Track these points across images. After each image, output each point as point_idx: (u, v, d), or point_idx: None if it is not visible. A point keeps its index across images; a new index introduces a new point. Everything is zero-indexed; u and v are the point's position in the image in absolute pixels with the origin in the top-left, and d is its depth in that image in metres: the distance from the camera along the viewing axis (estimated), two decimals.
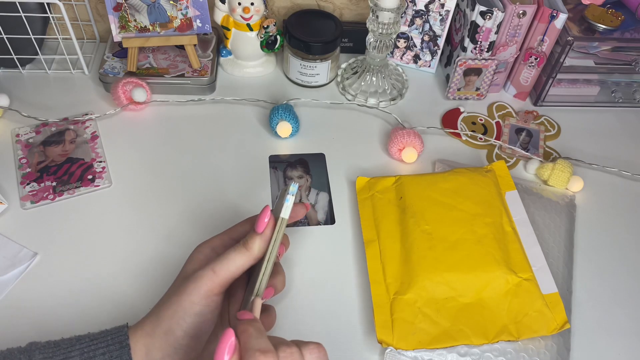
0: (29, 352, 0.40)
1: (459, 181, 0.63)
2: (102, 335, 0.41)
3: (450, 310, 0.54)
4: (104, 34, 0.81)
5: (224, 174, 0.66)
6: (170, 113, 0.73)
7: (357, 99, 0.77)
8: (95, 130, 0.69)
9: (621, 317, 0.58)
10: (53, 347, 0.40)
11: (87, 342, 0.40)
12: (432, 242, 0.57)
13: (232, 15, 0.73)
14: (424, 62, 0.82)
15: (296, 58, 0.75)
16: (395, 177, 0.64)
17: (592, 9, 0.74)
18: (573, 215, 0.65)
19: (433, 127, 0.73)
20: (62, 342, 0.41)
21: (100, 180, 0.64)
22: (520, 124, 0.75)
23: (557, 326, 0.54)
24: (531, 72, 0.76)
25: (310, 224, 0.63)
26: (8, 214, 0.60)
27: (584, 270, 0.61)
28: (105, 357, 0.39)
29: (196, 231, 0.61)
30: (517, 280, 0.55)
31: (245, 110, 0.74)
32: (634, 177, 0.70)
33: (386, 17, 0.68)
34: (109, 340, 0.40)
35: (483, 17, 0.69)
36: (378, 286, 0.56)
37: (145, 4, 0.68)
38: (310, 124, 0.73)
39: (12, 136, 0.68)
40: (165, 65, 0.75)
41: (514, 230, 0.60)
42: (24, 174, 0.64)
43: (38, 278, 0.56)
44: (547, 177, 0.68)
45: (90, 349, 0.40)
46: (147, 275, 0.57)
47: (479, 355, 0.52)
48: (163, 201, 0.63)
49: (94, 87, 0.75)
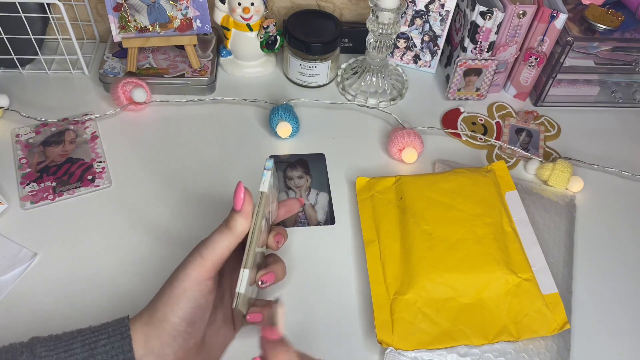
0: (30, 345, 0.40)
1: (459, 181, 0.63)
2: (103, 327, 0.41)
3: (450, 311, 0.54)
4: (104, 34, 0.81)
5: (223, 174, 0.66)
6: (170, 113, 0.73)
7: (357, 99, 0.77)
8: (95, 130, 0.69)
9: (621, 317, 0.58)
10: (55, 340, 0.40)
11: (89, 334, 0.41)
12: (432, 242, 0.57)
13: (232, 15, 0.73)
14: (424, 62, 0.82)
15: (296, 58, 0.75)
16: (395, 177, 0.64)
17: (592, 9, 0.74)
18: (573, 216, 0.65)
19: (433, 127, 0.73)
20: (64, 335, 0.41)
21: (100, 181, 0.64)
22: (520, 124, 0.75)
23: (557, 326, 0.54)
24: (531, 72, 0.76)
25: (310, 224, 0.63)
26: (8, 214, 0.60)
27: (584, 270, 0.61)
28: (107, 348, 0.40)
29: (196, 231, 0.60)
30: (517, 280, 0.55)
31: (245, 110, 0.74)
32: (634, 177, 0.70)
33: (386, 17, 0.68)
34: (110, 332, 0.41)
35: (483, 17, 0.69)
36: (378, 286, 0.56)
37: (145, 4, 0.68)
38: (310, 124, 0.73)
39: (12, 136, 0.68)
40: (165, 65, 0.75)
41: (514, 230, 0.60)
42: (23, 174, 0.64)
43: (38, 278, 0.56)
44: (547, 178, 0.68)
45: (91, 340, 0.40)
46: (147, 275, 0.57)
47: (479, 356, 0.52)
48: (163, 201, 0.63)
49: (93, 87, 0.75)
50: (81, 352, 0.40)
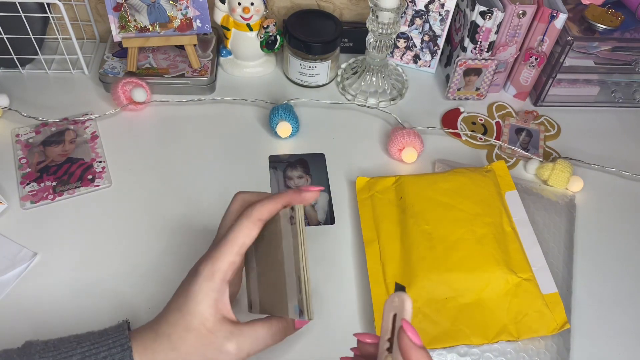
0: (27, 355, 0.39)
1: (459, 181, 0.63)
2: (103, 338, 0.41)
3: (450, 310, 0.54)
4: (104, 34, 0.81)
5: (223, 173, 0.66)
6: (170, 113, 0.73)
7: (357, 99, 0.77)
8: (95, 130, 0.69)
9: (621, 317, 0.58)
10: (52, 349, 0.40)
11: (88, 345, 0.40)
12: (432, 242, 0.57)
13: (232, 15, 0.73)
14: (424, 62, 0.81)
15: (296, 58, 0.75)
16: (395, 177, 0.64)
17: (592, 9, 0.74)
18: (573, 215, 0.65)
19: (433, 127, 0.73)
20: (62, 343, 0.41)
21: (100, 180, 0.64)
22: (520, 124, 0.75)
23: (557, 326, 0.54)
24: (531, 72, 0.76)
25: (310, 224, 0.63)
26: (8, 214, 0.60)
27: (584, 270, 0.61)
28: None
29: (196, 231, 0.61)
30: (517, 280, 0.55)
31: (245, 110, 0.74)
32: (634, 177, 0.70)
33: (386, 17, 0.68)
34: (111, 344, 0.40)
35: (483, 17, 0.69)
36: (378, 286, 0.56)
37: (145, 4, 0.68)
38: (310, 124, 0.73)
39: (12, 136, 0.68)
40: (165, 65, 0.75)
41: (513, 230, 0.60)
42: (24, 174, 0.64)
43: (38, 278, 0.56)
44: (547, 177, 0.68)
45: (91, 352, 0.40)
46: (147, 275, 0.57)
47: (479, 355, 0.52)
48: (163, 201, 0.63)
49: (93, 87, 0.75)
50: None
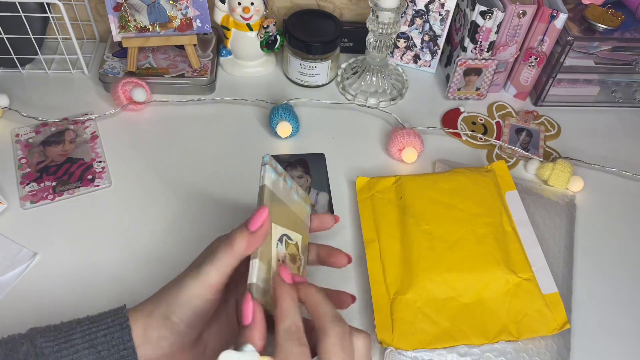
0: (30, 336, 0.40)
1: (459, 181, 0.62)
2: (102, 318, 0.42)
3: (450, 310, 0.54)
4: (103, 34, 0.81)
5: (223, 173, 0.66)
6: (170, 113, 0.73)
7: (357, 99, 0.77)
8: (95, 130, 0.69)
9: (621, 317, 0.58)
10: (54, 330, 0.41)
11: (88, 324, 0.41)
12: (432, 242, 0.57)
13: (232, 15, 0.73)
14: (424, 62, 0.81)
15: (296, 58, 0.75)
16: (395, 177, 0.64)
17: (592, 9, 0.74)
18: (573, 215, 0.65)
19: (433, 127, 0.73)
20: (62, 325, 0.42)
21: (100, 180, 0.64)
22: (521, 124, 0.75)
23: (557, 326, 0.54)
24: (531, 72, 0.76)
25: None
26: (8, 214, 0.60)
27: (584, 270, 0.61)
28: (107, 339, 0.40)
29: (196, 231, 0.61)
30: (517, 280, 0.55)
31: (245, 110, 0.74)
32: (634, 177, 0.70)
33: (386, 17, 0.68)
34: (109, 322, 0.41)
35: (483, 17, 0.69)
36: (378, 286, 0.56)
37: (145, 3, 0.68)
38: (310, 124, 0.73)
39: (12, 136, 0.68)
40: (165, 65, 0.75)
41: (514, 230, 0.60)
42: (23, 174, 0.64)
43: (38, 278, 0.56)
44: (547, 177, 0.68)
45: (91, 330, 0.41)
46: (147, 275, 0.57)
47: (479, 355, 0.52)
48: (163, 201, 0.63)
49: (93, 87, 0.75)
50: (81, 342, 0.40)
